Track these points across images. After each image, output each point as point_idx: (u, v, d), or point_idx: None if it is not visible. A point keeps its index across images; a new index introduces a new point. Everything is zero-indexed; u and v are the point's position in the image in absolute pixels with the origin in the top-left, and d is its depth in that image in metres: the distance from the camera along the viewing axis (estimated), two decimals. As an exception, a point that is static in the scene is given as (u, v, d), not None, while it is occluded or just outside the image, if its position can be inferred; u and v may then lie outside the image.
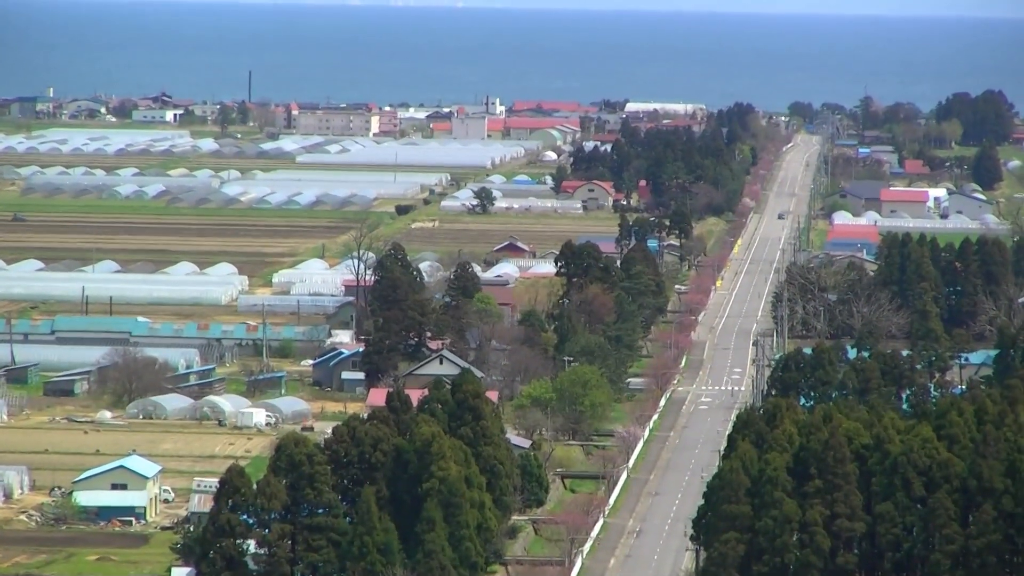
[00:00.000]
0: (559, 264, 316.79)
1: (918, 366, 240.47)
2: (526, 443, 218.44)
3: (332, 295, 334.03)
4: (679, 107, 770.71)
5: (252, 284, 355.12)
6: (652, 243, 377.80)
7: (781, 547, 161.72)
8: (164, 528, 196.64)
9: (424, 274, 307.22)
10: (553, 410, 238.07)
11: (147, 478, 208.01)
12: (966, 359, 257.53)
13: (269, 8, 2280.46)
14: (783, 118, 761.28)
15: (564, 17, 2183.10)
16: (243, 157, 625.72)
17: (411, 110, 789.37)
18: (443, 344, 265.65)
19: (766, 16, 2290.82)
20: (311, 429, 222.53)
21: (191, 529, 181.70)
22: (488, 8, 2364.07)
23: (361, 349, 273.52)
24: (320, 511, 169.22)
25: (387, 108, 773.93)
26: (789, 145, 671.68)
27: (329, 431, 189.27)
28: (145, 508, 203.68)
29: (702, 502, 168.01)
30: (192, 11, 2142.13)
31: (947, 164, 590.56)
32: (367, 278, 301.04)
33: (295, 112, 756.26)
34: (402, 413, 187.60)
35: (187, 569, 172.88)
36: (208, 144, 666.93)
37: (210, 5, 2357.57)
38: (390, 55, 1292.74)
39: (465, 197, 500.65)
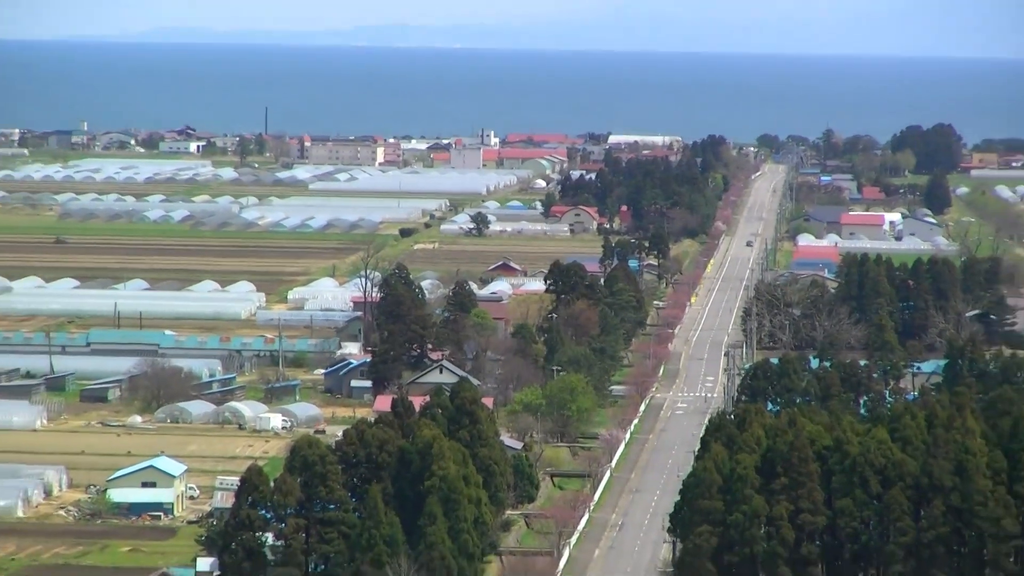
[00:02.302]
0: (548, 282, 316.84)
1: (874, 374, 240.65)
2: (518, 445, 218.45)
3: (342, 310, 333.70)
4: (657, 139, 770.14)
5: (269, 300, 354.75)
6: (633, 263, 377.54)
7: (750, 539, 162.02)
8: (190, 522, 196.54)
9: (425, 291, 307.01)
10: (543, 415, 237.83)
11: (174, 477, 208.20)
12: (918, 368, 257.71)
13: (284, 49, 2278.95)
14: (752, 149, 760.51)
15: (552, 58, 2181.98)
16: (260, 185, 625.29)
17: (413, 142, 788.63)
18: (443, 355, 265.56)
19: (736, 55, 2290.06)
20: (323, 432, 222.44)
21: (214, 523, 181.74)
22: (483, 49, 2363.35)
23: (368, 359, 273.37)
24: (331, 507, 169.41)
25: (391, 140, 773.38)
26: (757, 173, 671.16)
27: (339, 434, 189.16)
28: (172, 504, 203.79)
29: (678, 498, 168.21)
30: (212, 52, 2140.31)
31: (901, 191, 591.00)
32: (374, 295, 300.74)
33: (307, 144, 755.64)
34: (406, 417, 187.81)
35: (211, 559, 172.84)
36: (228, 173, 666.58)
37: (229, 47, 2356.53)
38: (394, 92, 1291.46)
39: (463, 221, 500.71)
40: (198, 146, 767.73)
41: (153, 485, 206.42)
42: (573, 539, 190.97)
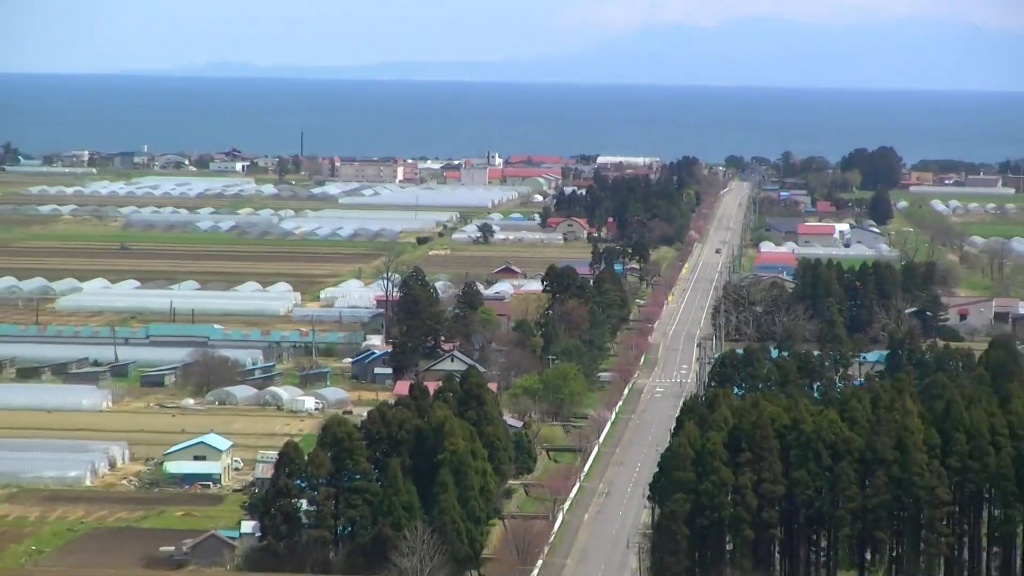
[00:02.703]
0: (544, 283, 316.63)
1: (826, 363, 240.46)
2: (518, 423, 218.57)
3: (366, 308, 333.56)
4: (639, 160, 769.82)
5: (304, 299, 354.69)
6: (618, 267, 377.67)
7: (719, 505, 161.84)
8: (235, 491, 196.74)
9: (439, 291, 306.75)
10: (540, 398, 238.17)
11: (221, 451, 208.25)
12: (864, 358, 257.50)
13: (316, 82, 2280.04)
14: (721, 168, 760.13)
15: (548, 89, 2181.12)
16: (296, 199, 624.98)
17: (428, 162, 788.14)
18: (453, 346, 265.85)
19: (707, 88, 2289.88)
20: (350, 413, 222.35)
21: (256, 491, 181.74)
22: (489, 82, 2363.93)
23: (389, 350, 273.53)
24: (357, 477, 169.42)
25: (409, 160, 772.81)
26: (725, 190, 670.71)
27: (364, 414, 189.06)
28: (220, 475, 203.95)
29: (657, 470, 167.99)
30: (255, 85, 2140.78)
31: (849, 204, 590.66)
32: (394, 294, 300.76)
33: (337, 163, 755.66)
34: (421, 400, 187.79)
35: (253, 523, 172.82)
36: (269, 189, 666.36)
37: (270, 80, 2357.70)
38: (412, 119, 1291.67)
39: (471, 231, 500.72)
40: (243, 166, 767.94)
41: (203, 459, 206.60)
42: (566, 505, 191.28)
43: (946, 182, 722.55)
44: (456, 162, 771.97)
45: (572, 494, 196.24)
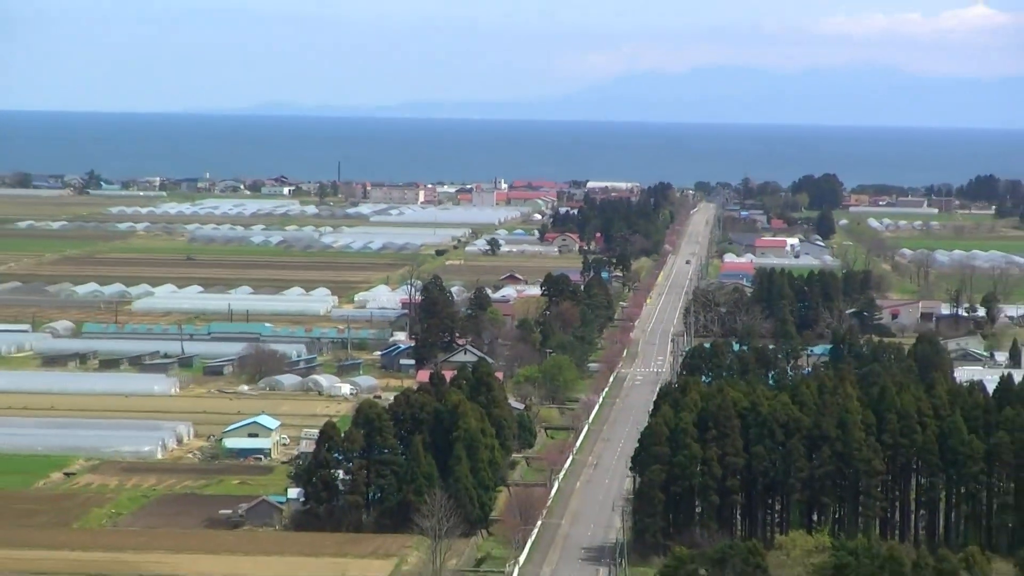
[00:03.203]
0: (543, 288, 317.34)
1: (779, 355, 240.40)
2: (521, 406, 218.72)
3: (393, 309, 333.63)
4: (622, 184, 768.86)
5: (340, 301, 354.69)
6: (604, 274, 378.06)
7: (689, 474, 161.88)
8: (283, 463, 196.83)
9: (454, 295, 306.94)
10: (539, 384, 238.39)
11: (271, 430, 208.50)
12: (811, 351, 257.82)
13: (351, 119, 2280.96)
14: (690, 192, 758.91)
15: (547, 125, 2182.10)
16: (334, 218, 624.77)
17: (445, 186, 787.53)
18: (466, 341, 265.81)
19: (679, 125, 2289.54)
20: (379, 397, 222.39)
21: (300, 463, 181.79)
22: (496, 119, 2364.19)
23: (412, 344, 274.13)
24: (385, 451, 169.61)
25: (429, 185, 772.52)
26: (694, 210, 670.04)
27: (391, 398, 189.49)
28: (270, 450, 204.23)
29: (637, 445, 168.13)
30: (300, 121, 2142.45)
31: (799, 222, 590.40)
32: (416, 298, 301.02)
33: (368, 187, 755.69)
34: (439, 387, 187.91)
35: (298, 490, 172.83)
36: (311, 209, 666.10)
37: (312, 117, 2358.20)
38: (431, 150, 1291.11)
39: (481, 244, 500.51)
40: (289, 189, 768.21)
41: (256, 436, 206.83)
42: (561, 475, 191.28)
43: (880, 203, 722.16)
44: (468, 186, 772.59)
45: (566, 465, 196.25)
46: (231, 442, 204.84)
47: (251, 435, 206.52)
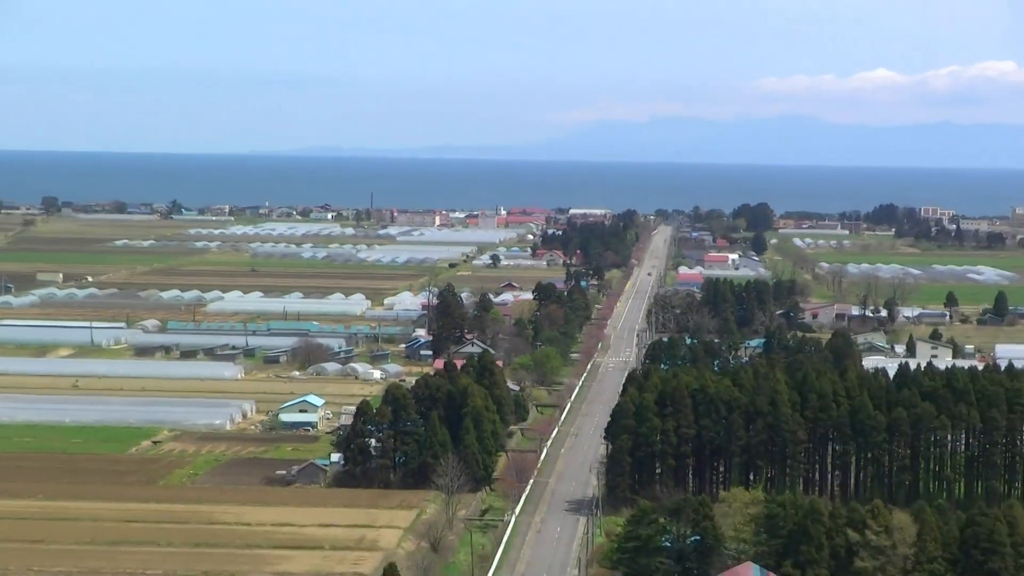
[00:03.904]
0: (534, 294, 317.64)
1: (723, 347, 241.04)
2: (516, 387, 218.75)
3: (415, 310, 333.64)
4: (598, 211, 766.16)
5: (373, 304, 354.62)
6: (583, 283, 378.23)
7: (651, 442, 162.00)
8: (327, 433, 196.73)
9: (463, 299, 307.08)
10: (531, 370, 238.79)
11: (318, 407, 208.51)
12: (748, 344, 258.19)
13: (380, 160, 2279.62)
14: (652, 217, 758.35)
15: (536, 164, 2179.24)
16: (368, 238, 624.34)
17: (456, 212, 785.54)
18: (473, 336, 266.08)
19: (642, 163, 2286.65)
20: (404, 381, 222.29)
21: (341, 433, 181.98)
22: (496, 159, 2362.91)
23: (430, 338, 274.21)
24: (408, 424, 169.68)
25: (444, 212, 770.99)
26: (655, 231, 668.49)
27: (413, 382, 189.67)
28: (316, 423, 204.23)
29: (610, 419, 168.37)
30: (339, 161, 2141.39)
31: (738, 241, 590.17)
32: (433, 301, 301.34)
33: (395, 213, 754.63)
34: (452, 372, 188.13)
35: (338, 455, 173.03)
36: (350, 231, 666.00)
37: (349, 158, 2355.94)
38: (444, 184, 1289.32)
39: (485, 259, 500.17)
40: (332, 215, 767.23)
41: (305, 411, 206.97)
42: (548, 442, 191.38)
43: (802, 226, 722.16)
44: (475, 213, 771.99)
45: (553, 435, 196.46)
46: (285, 416, 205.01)
47: (301, 411, 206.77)
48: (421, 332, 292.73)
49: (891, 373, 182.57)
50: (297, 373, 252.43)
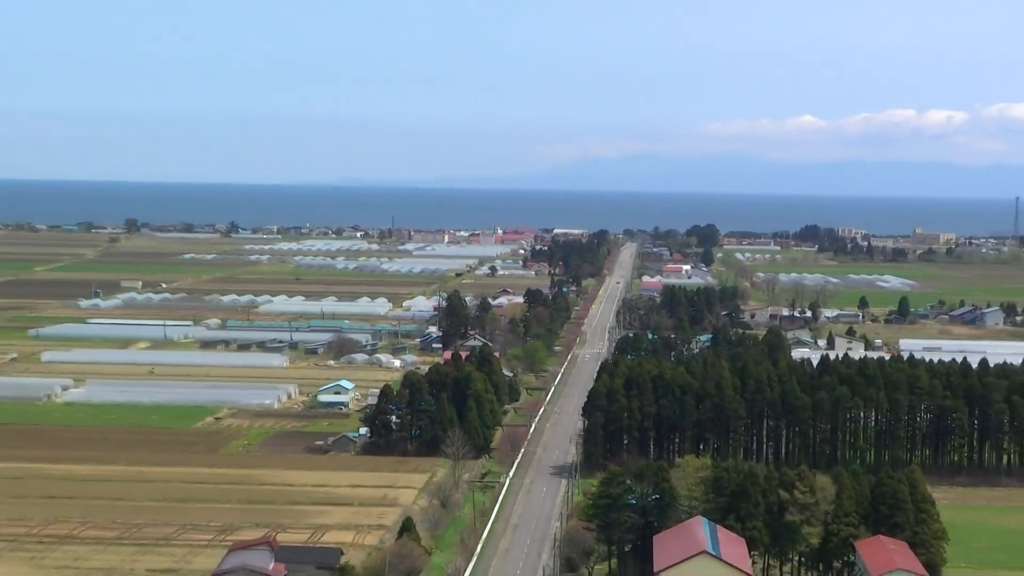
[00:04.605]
0: (525, 298, 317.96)
1: (678, 342, 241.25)
2: (510, 374, 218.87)
3: (428, 311, 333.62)
4: (576, 230, 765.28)
5: (394, 306, 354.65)
6: (564, 289, 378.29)
7: (619, 419, 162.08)
8: (356, 411, 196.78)
9: (467, 302, 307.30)
10: (522, 360, 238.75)
11: (349, 389, 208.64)
12: (698, 339, 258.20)
13: (400, 188, 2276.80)
14: (620, 235, 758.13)
15: (526, 192, 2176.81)
16: (389, 252, 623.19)
17: (462, 232, 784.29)
18: (475, 332, 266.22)
19: (613, 191, 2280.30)
20: (419, 369, 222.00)
21: (368, 411, 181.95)
22: (493, 188, 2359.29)
23: (440, 334, 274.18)
24: (422, 403, 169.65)
25: (451, 231, 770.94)
26: (623, 247, 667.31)
27: (427, 369, 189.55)
28: (348, 403, 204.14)
29: (586, 399, 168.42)
30: (365, 192, 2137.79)
31: (690, 255, 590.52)
32: (442, 304, 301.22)
33: (412, 232, 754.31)
34: (458, 362, 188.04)
35: (366, 428, 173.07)
36: (375, 246, 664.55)
37: (374, 187, 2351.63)
38: (453, 209, 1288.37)
39: (484, 270, 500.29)
40: (360, 233, 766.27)
41: (339, 393, 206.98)
42: (536, 419, 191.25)
43: (743, 243, 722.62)
44: (476, 232, 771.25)
45: (539, 413, 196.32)
46: (323, 397, 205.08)
47: (335, 393, 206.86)
48: (433, 329, 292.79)
49: (815, 363, 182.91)
50: (332, 362, 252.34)
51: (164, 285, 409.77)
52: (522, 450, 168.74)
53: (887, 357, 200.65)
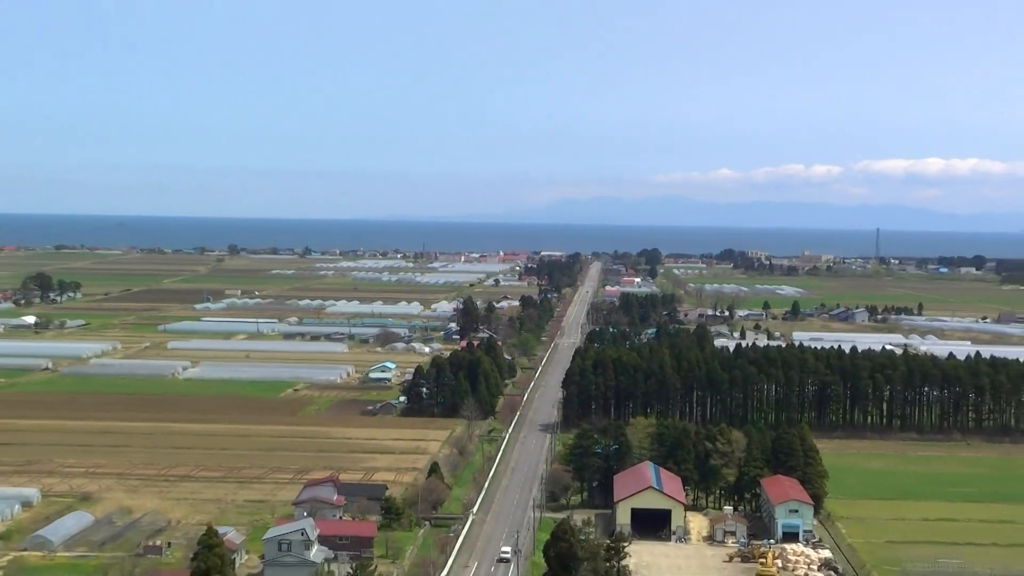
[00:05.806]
0: (520, 302, 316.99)
1: (631, 334, 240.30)
2: (510, 358, 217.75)
3: (449, 312, 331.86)
4: (558, 252, 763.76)
5: (424, 308, 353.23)
6: (549, 296, 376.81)
7: (589, 390, 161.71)
8: (397, 385, 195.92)
9: (478, 305, 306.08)
10: (517, 347, 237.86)
11: (392, 369, 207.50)
12: (647, 332, 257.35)
13: (424, 222, 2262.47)
14: (590, 256, 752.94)
15: (520, 225, 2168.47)
16: (420, 268, 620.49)
17: (473, 254, 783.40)
18: (484, 327, 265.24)
19: (584, 226, 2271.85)
20: (443, 354, 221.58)
21: (405, 385, 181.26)
22: (494, 222, 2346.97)
23: (458, 328, 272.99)
24: (445, 379, 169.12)
25: (466, 253, 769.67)
26: (592, 265, 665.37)
27: (448, 354, 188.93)
28: (391, 378, 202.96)
29: (564, 376, 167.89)
30: (407, 223, 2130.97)
31: (641, 271, 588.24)
32: (460, 307, 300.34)
33: (438, 254, 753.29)
34: (471, 349, 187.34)
35: (404, 397, 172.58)
36: (411, 264, 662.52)
37: (410, 222, 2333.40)
38: (467, 237, 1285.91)
39: (490, 282, 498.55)
40: (400, 255, 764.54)
41: (384, 372, 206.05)
42: (528, 390, 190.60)
43: (679, 262, 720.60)
44: (484, 254, 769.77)
45: (531, 386, 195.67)
46: (373, 374, 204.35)
47: (382, 371, 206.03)
48: (453, 324, 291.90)
49: (731, 349, 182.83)
50: (379, 349, 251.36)
51: (257, 293, 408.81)
52: (518, 413, 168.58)
53: (783, 345, 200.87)
